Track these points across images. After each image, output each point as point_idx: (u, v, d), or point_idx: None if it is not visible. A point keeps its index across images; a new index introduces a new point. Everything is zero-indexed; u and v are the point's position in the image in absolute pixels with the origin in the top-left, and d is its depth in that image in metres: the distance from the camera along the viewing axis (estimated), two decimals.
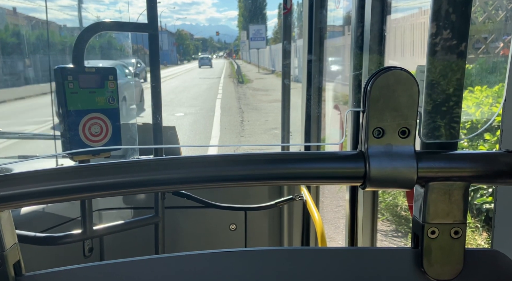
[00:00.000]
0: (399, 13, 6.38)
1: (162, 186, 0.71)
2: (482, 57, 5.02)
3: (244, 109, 13.91)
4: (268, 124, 10.72)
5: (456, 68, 0.70)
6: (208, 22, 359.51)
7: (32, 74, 14.08)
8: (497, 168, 0.67)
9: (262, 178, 0.68)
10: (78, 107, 1.40)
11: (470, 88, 4.40)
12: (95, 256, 1.86)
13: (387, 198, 4.80)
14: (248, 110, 13.55)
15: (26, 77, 14.30)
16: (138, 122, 2.30)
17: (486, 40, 5.06)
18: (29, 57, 13.42)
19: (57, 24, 13.02)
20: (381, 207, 4.67)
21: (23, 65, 14.22)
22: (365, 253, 0.74)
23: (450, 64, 0.69)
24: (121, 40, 2.50)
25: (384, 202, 4.78)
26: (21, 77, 14.50)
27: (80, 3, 10.02)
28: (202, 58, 55.32)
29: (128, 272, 0.71)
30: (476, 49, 5.06)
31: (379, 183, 0.65)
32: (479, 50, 5.03)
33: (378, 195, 1.56)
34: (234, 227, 2.18)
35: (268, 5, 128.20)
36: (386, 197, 4.80)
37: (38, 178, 0.64)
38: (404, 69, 0.64)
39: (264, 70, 32.23)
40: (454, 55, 0.69)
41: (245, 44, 36.40)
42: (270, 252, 0.74)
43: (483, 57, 5.01)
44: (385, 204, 4.76)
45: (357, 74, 1.48)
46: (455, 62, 0.69)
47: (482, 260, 0.70)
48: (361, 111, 0.66)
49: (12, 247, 0.67)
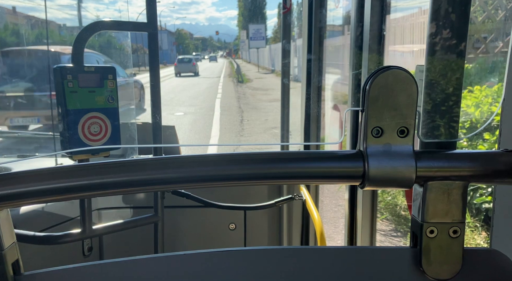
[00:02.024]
0: (399, 13, 6.39)
1: (161, 185, 0.71)
2: (481, 57, 5.01)
3: (243, 108, 13.74)
4: (267, 123, 10.71)
5: (455, 68, 0.70)
6: (208, 22, 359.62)
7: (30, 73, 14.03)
8: (496, 168, 0.67)
9: (261, 178, 0.68)
10: (77, 106, 1.40)
11: (470, 87, 4.41)
12: (95, 256, 1.86)
13: (386, 197, 4.79)
14: (248, 110, 13.40)
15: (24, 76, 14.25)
16: (138, 121, 2.31)
17: (486, 39, 5.05)
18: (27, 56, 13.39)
19: (57, 23, 12.99)
20: (381, 207, 4.66)
21: (21, 64, 14.18)
22: (364, 253, 0.74)
23: (449, 63, 0.69)
24: (120, 39, 2.50)
25: (383, 201, 4.77)
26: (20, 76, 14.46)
27: (80, 2, 10.00)
28: (182, 59, 32.42)
29: (127, 271, 0.71)
30: (475, 48, 5.05)
31: (377, 183, 0.65)
32: (479, 50, 5.02)
33: (377, 194, 1.56)
34: (233, 226, 2.18)
35: (268, 4, 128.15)
36: (385, 197, 4.80)
37: (37, 177, 0.64)
38: (403, 69, 0.64)
39: (264, 70, 32.04)
40: (453, 54, 0.69)
41: (245, 43, 36.22)
42: (269, 251, 0.74)
43: (483, 56, 5.00)
44: (384, 203, 4.75)
45: (356, 73, 1.48)
46: (454, 62, 0.69)
47: (481, 260, 0.70)
48: (360, 111, 0.66)
49: (11, 246, 0.67)
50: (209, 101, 15.64)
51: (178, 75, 30.38)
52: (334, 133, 2.76)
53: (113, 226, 1.59)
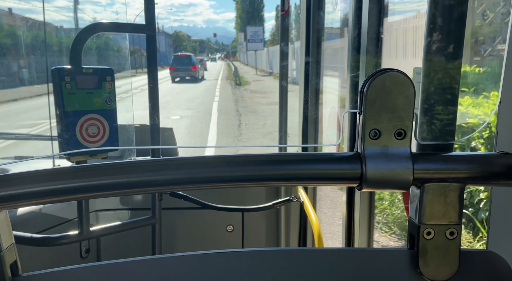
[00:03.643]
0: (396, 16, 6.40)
1: (159, 187, 0.71)
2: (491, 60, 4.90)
3: (241, 111, 13.59)
4: (266, 127, 10.61)
5: (452, 70, 0.70)
6: (206, 24, 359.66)
7: (26, 75, 14.04)
8: (492, 170, 0.67)
9: (259, 179, 0.68)
10: (75, 107, 1.40)
11: (485, 93, 4.19)
12: (92, 257, 1.86)
13: (395, 210, 4.44)
14: (246, 113, 13.26)
15: (21, 78, 14.26)
16: (136, 123, 2.31)
17: (493, 41, 5.01)
18: (25, 58, 13.40)
19: (54, 25, 13.01)
20: (389, 220, 4.39)
21: (17, 66, 14.19)
22: (362, 254, 0.74)
23: (446, 66, 0.70)
24: (118, 41, 2.50)
25: (391, 214, 4.44)
26: (16, 78, 14.48)
27: (76, 3, 10.04)
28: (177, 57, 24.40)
29: (125, 273, 0.71)
30: (480, 51, 5.01)
31: (375, 184, 0.66)
32: (486, 52, 4.98)
33: (374, 196, 1.56)
34: (231, 228, 2.18)
35: (266, 6, 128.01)
36: (393, 210, 4.46)
37: (35, 178, 0.64)
38: (401, 71, 0.64)
39: (262, 72, 31.86)
40: (450, 57, 0.70)
41: (243, 45, 36.17)
42: (267, 252, 0.74)
43: (492, 60, 4.90)
44: (393, 217, 4.43)
45: (354, 75, 1.49)
46: (451, 64, 0.70)
47: (477, 261, 0.71)
48: (357, 113, 0.67)
49: (9, 248, 0.67)
50: (206, 104, 15.52)
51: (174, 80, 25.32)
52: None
53: (111, 228, 1.59)
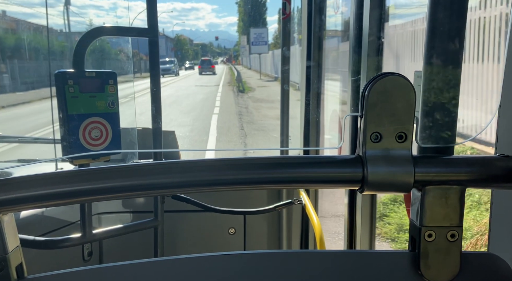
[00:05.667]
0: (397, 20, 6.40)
1: (161, 190, 0.72)
2: None
3: (246, 130, 10.95)
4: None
5: (452, 74, 0.71)
6: (208, 28, 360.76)
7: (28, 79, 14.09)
8: (493, 172, 0.68)
9: (261, 182, 0.69)
10: (78, 111, 1.41)
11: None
12: (94, 260, 1.86)
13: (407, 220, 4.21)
14: (252, 132, 10.63)
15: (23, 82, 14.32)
16: (138, 126, 2.31)
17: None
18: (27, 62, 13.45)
19: (54, 29, 13.07)
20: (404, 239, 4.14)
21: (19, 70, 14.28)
22: (364, 256, 0.74)
23: (446, 69, 0.71)
24: (120, 44, 2.52)
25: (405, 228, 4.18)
26: (18, 82, 14.54)
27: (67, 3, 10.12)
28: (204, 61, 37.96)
29: (127, 275, 0.71)
30: None
31: (376, 187, 0.66)
32: None
33: (376, 199, 1.57)
34: (233, 231, 2.18)
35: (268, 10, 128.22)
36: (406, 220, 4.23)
37: (39, 182, 0.64)
38: (401, 75, 0.65)
39: (266, 77, 30.29)
40: (450, 61, 0.70)
41: (245, 49, 35.86)
42: (269, 255, 0.74)
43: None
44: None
45: (355, 79, 1.49)
46: (452, 68, 0.71)
47: (478, 263, 0.71)
48: (359, 116, 0.67)
49: (15, 250, 0.68)
50: (203, 118, 12.80)
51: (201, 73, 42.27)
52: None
53: (113, 231, 1.60)
